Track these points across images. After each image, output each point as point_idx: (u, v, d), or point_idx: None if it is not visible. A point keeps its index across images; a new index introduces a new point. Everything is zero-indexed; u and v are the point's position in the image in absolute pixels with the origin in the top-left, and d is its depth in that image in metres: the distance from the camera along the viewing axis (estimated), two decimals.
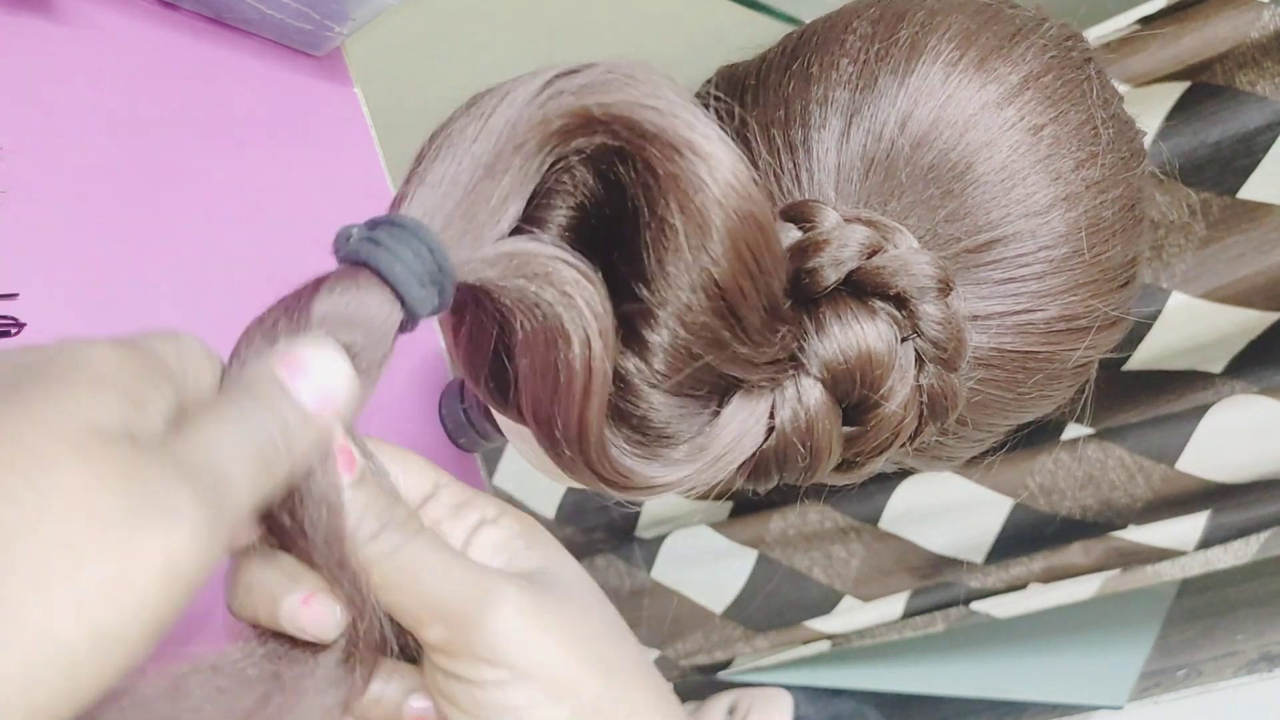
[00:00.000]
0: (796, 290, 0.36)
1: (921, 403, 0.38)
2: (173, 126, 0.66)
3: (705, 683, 1.27)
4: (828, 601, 1.18)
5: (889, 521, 1.14)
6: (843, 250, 0.35)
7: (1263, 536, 0.98)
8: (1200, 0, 0.89)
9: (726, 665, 1.24)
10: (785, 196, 0.40)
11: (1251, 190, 0.92)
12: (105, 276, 0.61)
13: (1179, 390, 1.03)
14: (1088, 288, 0.41)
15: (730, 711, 1.21)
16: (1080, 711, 1.14)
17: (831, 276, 0.35)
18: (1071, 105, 0.41)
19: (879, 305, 0.36)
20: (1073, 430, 1.06)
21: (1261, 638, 1.09)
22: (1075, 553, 1.05)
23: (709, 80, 0.47)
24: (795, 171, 0.40)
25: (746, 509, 1.21)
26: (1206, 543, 1.00)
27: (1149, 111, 0.94)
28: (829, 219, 0.36)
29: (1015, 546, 1.09)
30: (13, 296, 0.57)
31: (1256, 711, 1.01)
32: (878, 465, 0.40)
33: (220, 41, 0.69)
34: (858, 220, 0.37)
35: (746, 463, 0.37)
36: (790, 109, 0.40)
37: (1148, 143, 0.46)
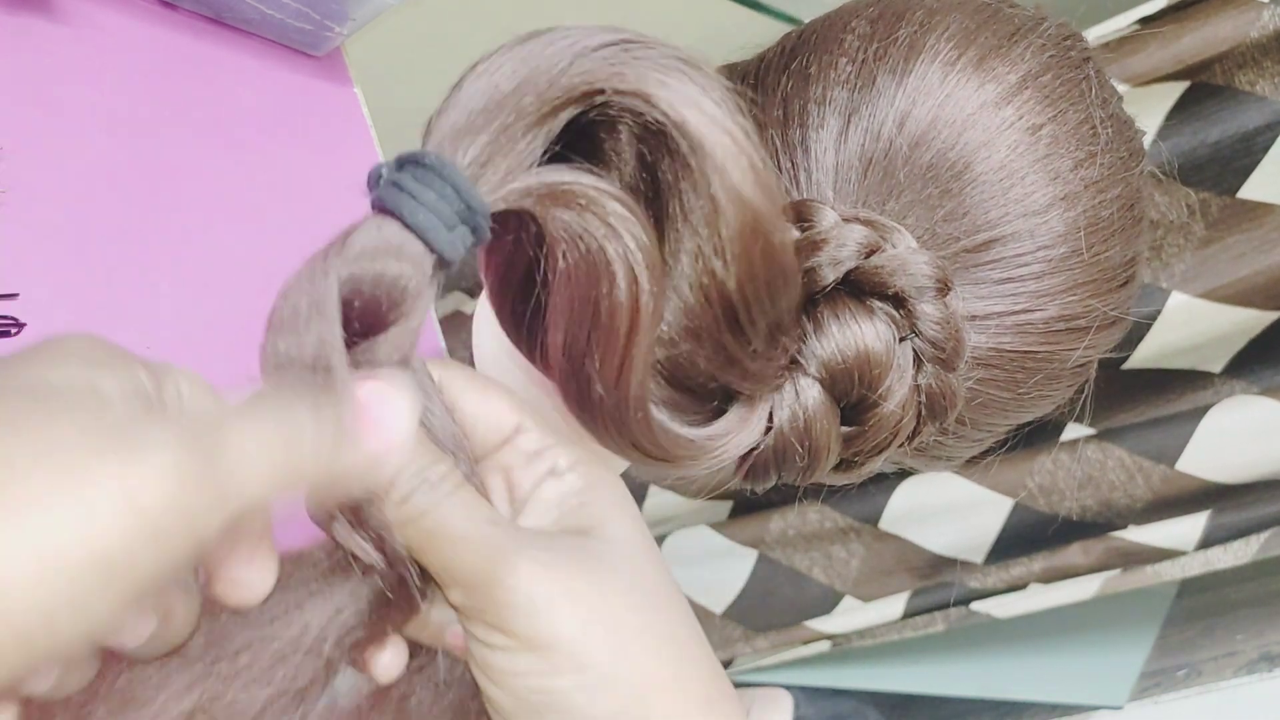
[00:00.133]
0: None
1: (920, 402, 0.38)
2: (173, 126, 0.66)
3: None
4: (828, 601, 1.18)
5: (889, 521, 1.14)
6: (841, 250, 0.35)
7: (1263, 536, 0.98)
8: (1200, 0, 0.89)
9: (726, 665, 1.24)
10: (783, 196, 0.40)
11: (1251, 190, 0.92)
12: (105, 276, 0.61)
13: (1179, 390, 1.03)
14: (1086, 287, 0.41)
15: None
16: (1080, 711, 1.14)
17: (829, 276, 0.35)
18: (1070, 105, 0.41)
19: (877, 305, 0.36)
20: (1072, 430, 1.06)
21: (1261, 638, 1.09)
22: (1075, 553, 1.05)
23: None
24: (793, 171, 0.40)
25: (746, 509, 1.21)
26: (1206, 543, 1.00)
27: (1149, 111, 0.94)
28: (827, 218, 0.36)
29: (1015, 547, 1.09)
30: (13, 296, 0.57)
31: (1256, 711, 1.01)
32: (877, 465, 0.40)
33: (220, 41, 0.69)
34: (856, 220, 0.37)
35: (745, 462, 0.37)
36: (789, 108, 0.40)
37: (1147, 143, 0.46)
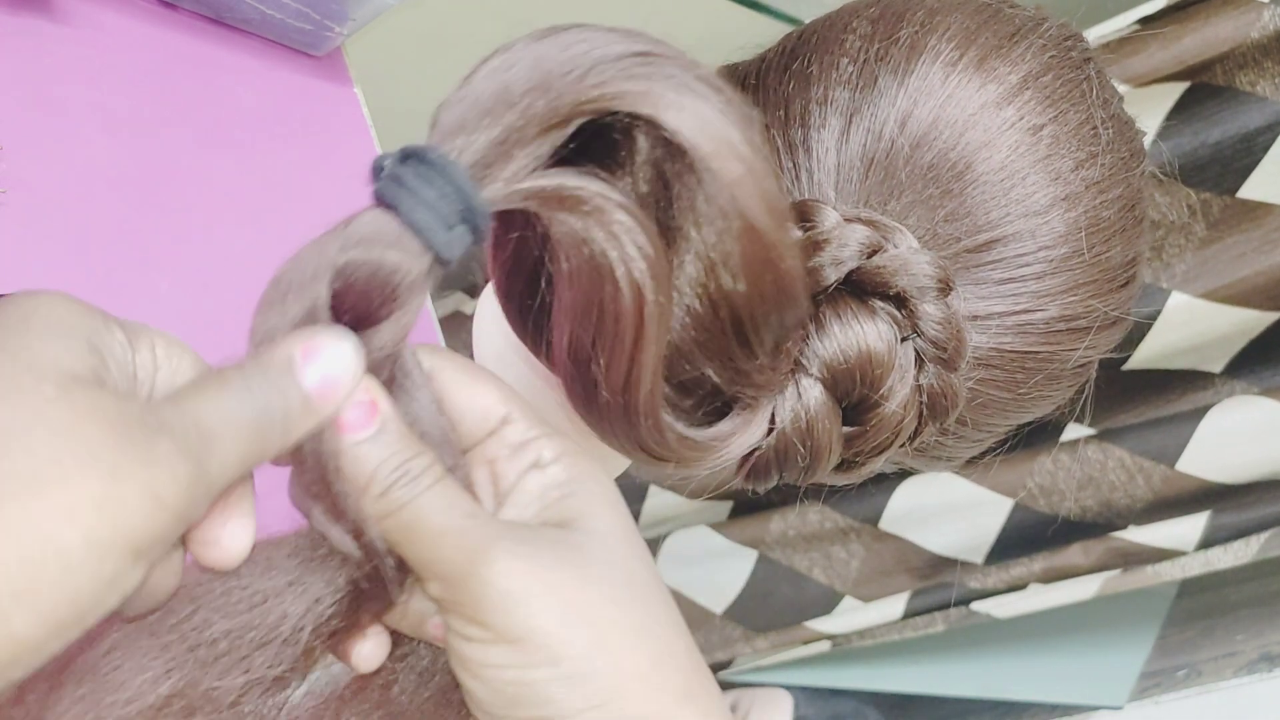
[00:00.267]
0: None
1: (921, 402, 0.38)
2: (173, 126, 0.66)
3: None
4: (828, 602, 1.18)
5: (889, 522, 1.14)
6: (842, 250, 0.35)
7: (1263, 537, 0.98)
8: (1200, 0, 0.89)
9: (727, 665, 1.24)
10: (785, 196, 0.40)
11: (1251, 190, 0.92)
12: (105, 276, 0.61)
13: (1179, 390, 1.03)
14: (1087, 288, 0.41)
15: (730, 711, 1.21)
16: (1080, 711, 1.14)
17: (831, 276, 0.35)
18: (1071, 105, 0.41)
19: (879, 305, 0.36)
20: (1072, 431, 1.06)
21: (1261, 638, 1.09)
22: (1075, 553, 1.05)
23: None
24: (795, 171, 0.40)
25: (746, 509, 1.21)
26: (1206, 543, 1.00)
27: (1149, 112, 0.94)
28: (829, 219, 0.36)
29: (1015, 547, 1.09)
30: None
31: (1256, 711, 1.01)
32: (877, 465, 0.40)
33: (220, 41, 0.69)
34: (857, 220, 0.37)
35: (746, 462, 0.37)
36: (790, 109, 0.40)
37: (1148, 143, 0.46)
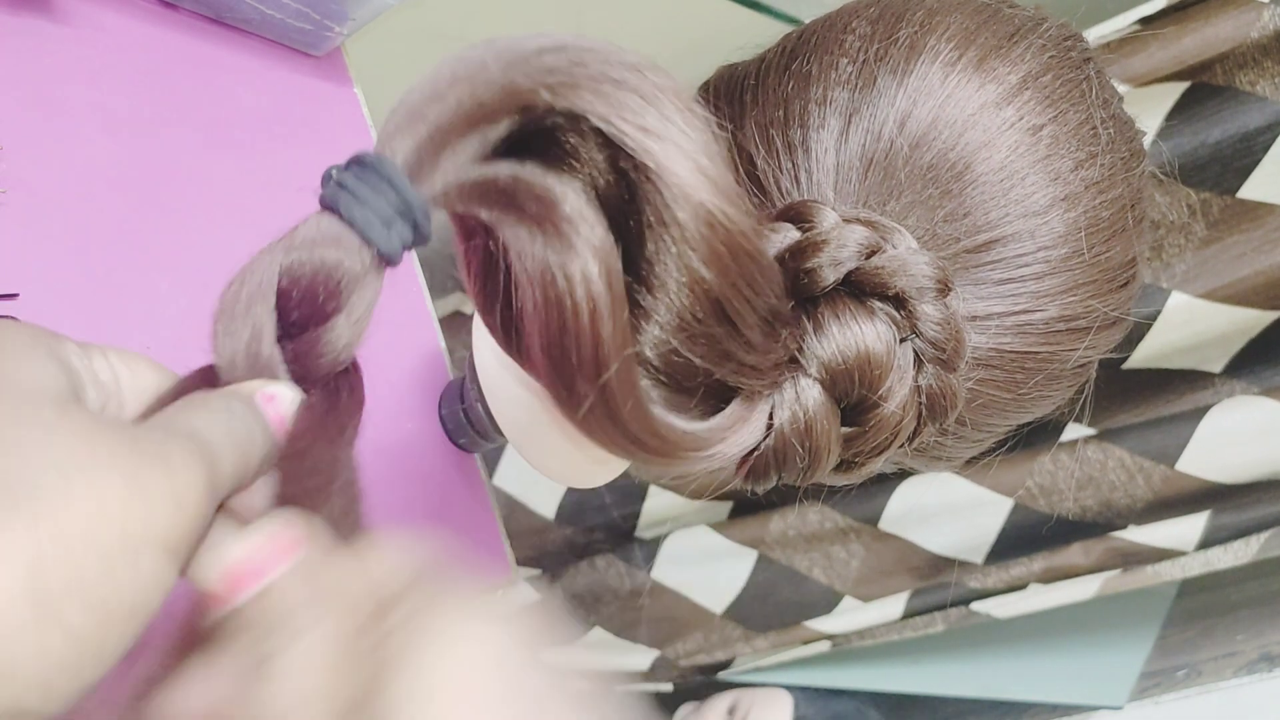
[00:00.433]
0: (795, 290, 0.36)
1: (920, 403, 0.38)
2: (173, 126, 0.66)
3: (705, 683, 1.27)
4: (828, 602, 1.18)
5: (889, 522, 1.14)
6: (841, 250, 0.35)
7: (1263, 537, 0.98)
8: (1200, 0, 0.89)
9: (727, 665, 1.24)
10: (784, 196, 0.40)
11: (1251, 190, 0.92)
12: (105, 276, 0.61)
13: (1179, 390, 1.03)
14: (1087, 288, 0.41)
15: (730, 711, 1.21)
16: (1080, 711, 1.14)
17: (830, 277, 0.35)
18: (1071, 105, 0.40)
19: (877, 306, 0.36)
20: (1072, 431, 1.06)
21: (1261, 638, 1.09)
22: (1075, 553, 1.05)
23: (708, 80, 0.47)
24: (794, 172, 0.40)
25: (746, 509, 1.21)
26: (1206, 543, 1.00)
27: (1149, 111, 0.94)
28: (828, 219, 0.36)
29: (1015, 547, 1.09)
30: (13, 297, 0.57)
31: (1256, 711, 1.01)
32: (877, 465, 0.40)
33: (220, 41, 0.69)
34: (856, 220, 0.36)
35: (745, 462, 0.37)
36: (789, 109, 0.40)
37: (1148, 143, 0.46)
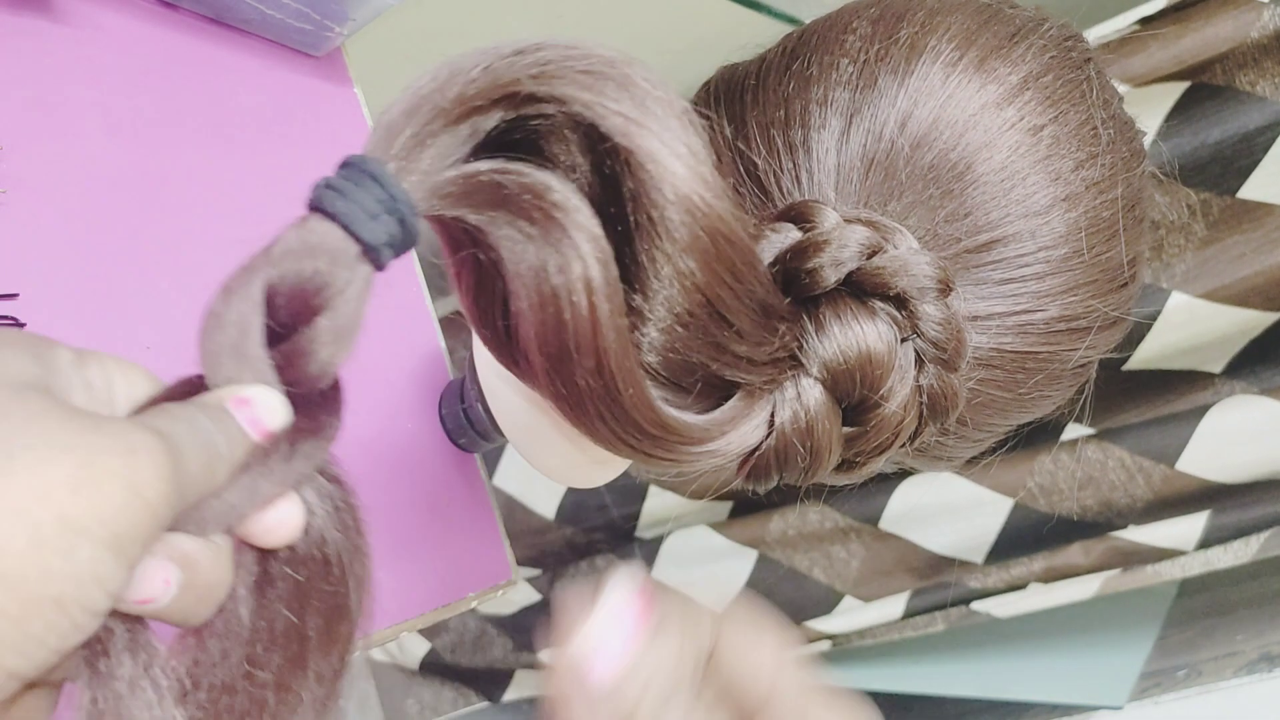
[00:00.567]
0: (796, 290, 0.36)
1: (921, 403, 0.38)
2: (173, 126, 0.66)
3: None
4: (828, 602, 1.18)
5: (889, 522, 1.14)
6: (842, 251, 0.35)
7: (1263, 536, 0.98)
8: (1200, 0, 0.89)
9: None
10: (785, 196, 0.40)
11: (1251, 190, 0.92)
12: (105, 276, 0.61)
13: (1179, 390, 1.03)
14: (1088, 288, 0.41)
15: None
16: (1080, 711, 1.14)
17: (831, 277, 0.35)
18: (1071, 106, 0.41)
19: (879, 306, 0.36)
20: (1072, 430, 1.06)
21: (1261, 638, 1.09)
22: (1075, 553, 1.05)
23: (708, 80, 0.47)
24: (795, 172, 0.40)
25: (746, 509, 1.21)
26: (1206, 543, 1.00)
27: (1149, 112, 0.94)
28: (829, 219, 0.36)
29: (1015, 547, 1.09)
30: (13, 297, 0.57)
31: (1256, 711, 1.01)
32: (878, 465, 0.40)
33: (220, 41, 0.69)
34: (857, 221, 0.36)
35: (746, 462, 0.37)
36: (790, 109, 0.40)
37: (1148, 143, 0.46)
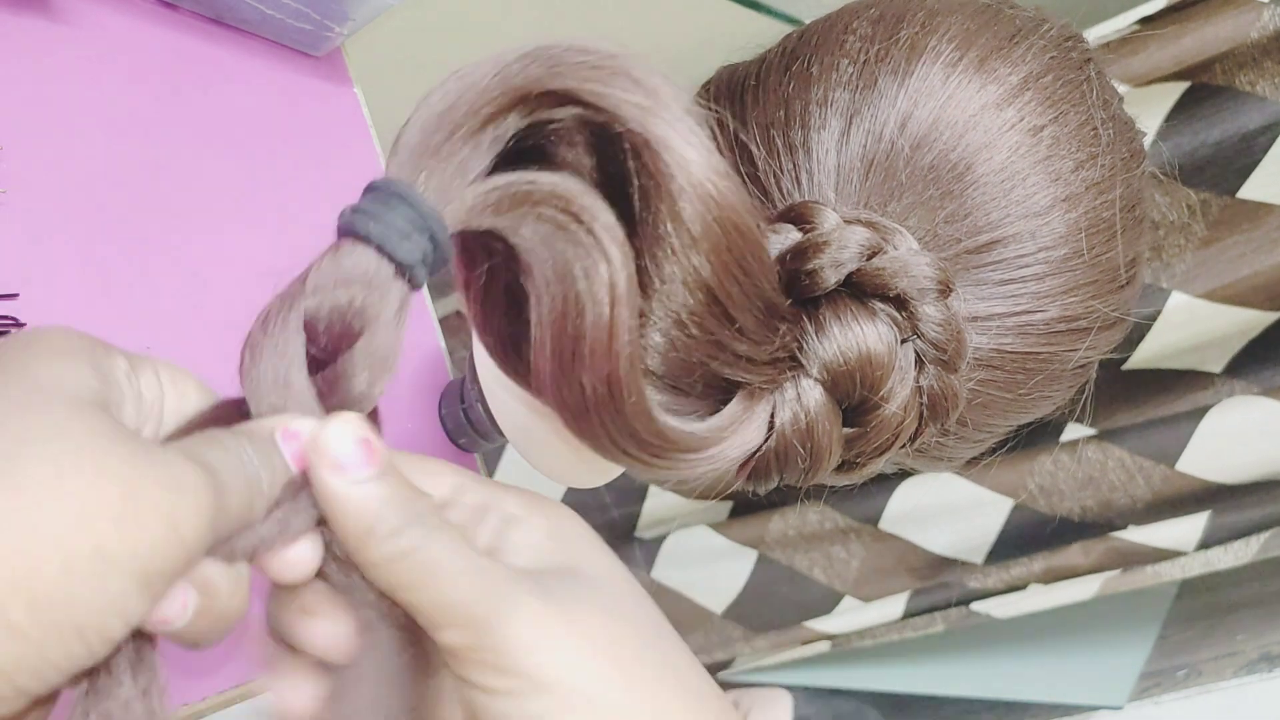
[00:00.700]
0: (796, 291, 0.36)
1: (921, 404, 0.38)
2: (173, 126, 0.66)
3: None
4: (828, 602, 1.18)
5: (889, 522, 1.14)
6: (842, 252, 0.35)
7: (1263, 537, 0.98)
8: (1200, 0, 0.89)
9: (727, 665, 1.24)
10: (785, 198, 0.40)
11: (1251, 190, 0.92)
12: (105, 277, 0.61)
13: (1179, 390, 1.03)
14: (1088, 288, 0.41)
15: None
16: (1080, 711, 1.14)
17: (831, 278, 0.35)
18: (1071, 106, 0.40)
19: (879, 307, 0.36)
20: (1072, 431, 1.06)
21: (1261, 638, 1.09)
22: (1075, 553, 1.05)
23: (709, 80, 0.47)
24: (795, 172, 0.40)
25: (746, 509, 1.21)
26: (1206, 543, 1.00)
27: (1149, 112, 0.94)
28: (829, 220, 0.36)
29: (1015, 547, 1.09)
30: (13, 297, 0.57)
31: (1256, 711, 1.01)
32: (878, 466, 0.40)
33: (220, 41, 0.69)
34: (857, 222, 0.36)
35: (747, 464, 0.37)
36: (790, 110, 0.40)
37: (1148, 143, 0.46)
